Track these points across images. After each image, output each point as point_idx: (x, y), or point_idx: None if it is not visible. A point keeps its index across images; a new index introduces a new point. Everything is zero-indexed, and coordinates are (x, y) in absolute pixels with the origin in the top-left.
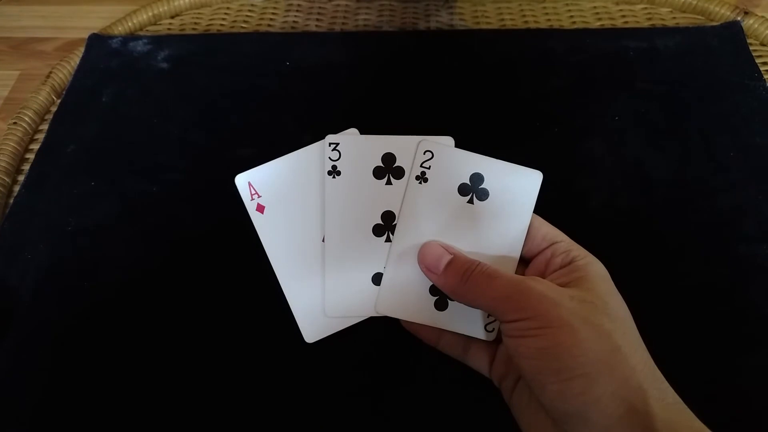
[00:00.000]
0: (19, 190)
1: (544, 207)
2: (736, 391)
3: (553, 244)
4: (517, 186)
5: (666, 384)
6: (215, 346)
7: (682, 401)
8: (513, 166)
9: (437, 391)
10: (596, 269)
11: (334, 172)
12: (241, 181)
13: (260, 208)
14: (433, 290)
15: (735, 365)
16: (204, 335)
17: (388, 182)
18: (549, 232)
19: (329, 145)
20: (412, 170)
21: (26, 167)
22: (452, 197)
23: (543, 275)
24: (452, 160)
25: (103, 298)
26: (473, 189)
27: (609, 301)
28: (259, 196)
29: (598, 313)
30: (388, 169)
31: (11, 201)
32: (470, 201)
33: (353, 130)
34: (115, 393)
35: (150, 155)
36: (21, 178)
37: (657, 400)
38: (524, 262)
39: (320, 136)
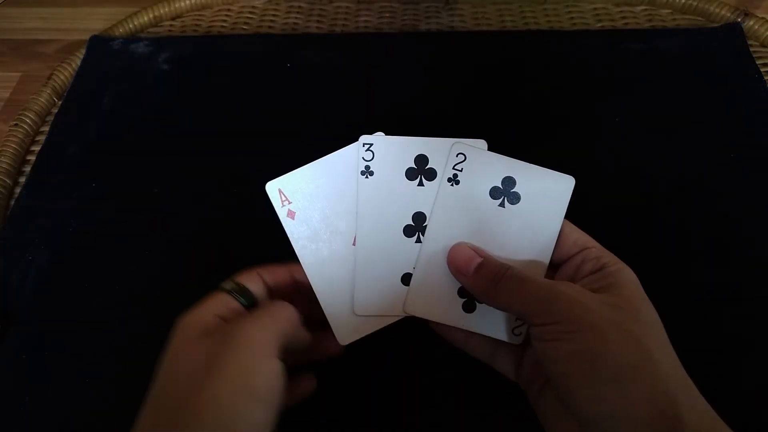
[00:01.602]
0: (21, 192)
1: None
2: (738, 391)
3: (583, 249)
4: (548, 191)
5: (697, 392)
6: None
7: (713, 410)
8: (545, 170)
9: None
10: (627, 276)
11: (367, 172)
12: (272, 188)
13: (291, 214)
14: (462, 292)
15: (738, 366)
16: None
17: (420, 183)
18: (580, 237)
19: (363, 146)
20: (444, 172)
21: (27, 169)
22: (484, 200)
23: (573, 281)
24: (485, 163)
25: (103, 298)
26: (505, 193)
27: (640, 307)
28: (289, 203)
29: (628, 319)
30: (420, 170)
31: (12, 202)
32: (501, 204)
33: (380, 134)
34: (116, 394)
35: (151, 156)
36: (22, 179)
37: (688, 407)
38: (553, 267)
39: (321, 137)
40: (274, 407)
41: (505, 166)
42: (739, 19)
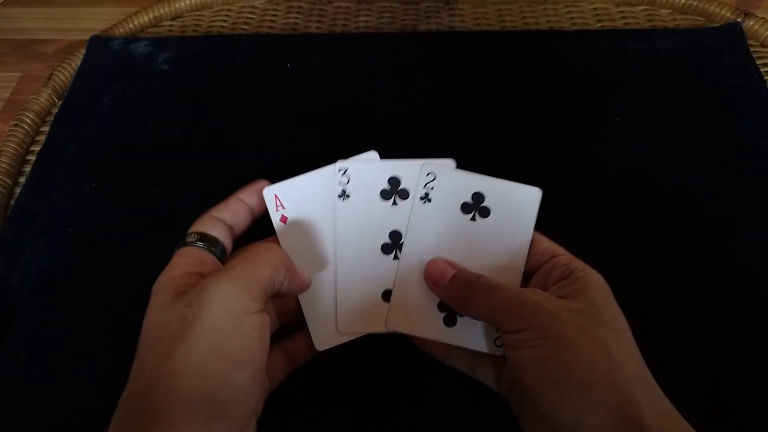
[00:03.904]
0: (21, 192)
1: (544, 207)
2: (738, 392)
3: (553, 257)
4: (517, 203)
5: (660, 393)
6: None
7: (676, 411)
8: (513, 184)
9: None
10: (594, 281)
11: (343, 195)
12: (269, 193)
13: (283, 219)
14: (442, 306)
15: (738, 366)
16: None
17: (395, 203)
18: (549, 246)
19: (339, 171)
20: (416, 191)
21: (27, 169)
22: (455, 216)
23: (544, 288)
24: (454, 180)
25: (104, 299)
26: (475, 207)
27: (606, 311)
28: (283, 208)
29: (593, 324)
30: (394, 190)
31: (12, 202)
32: (473, 218)
33: (373, 153)
34: (116, 394)
35: (151, 156)
36: (22, 179)
37: (650, 409)
38: (526, 276)
39: (321, 137)
40: (256, 367)
41: (473, 182)
42: (739, 19)
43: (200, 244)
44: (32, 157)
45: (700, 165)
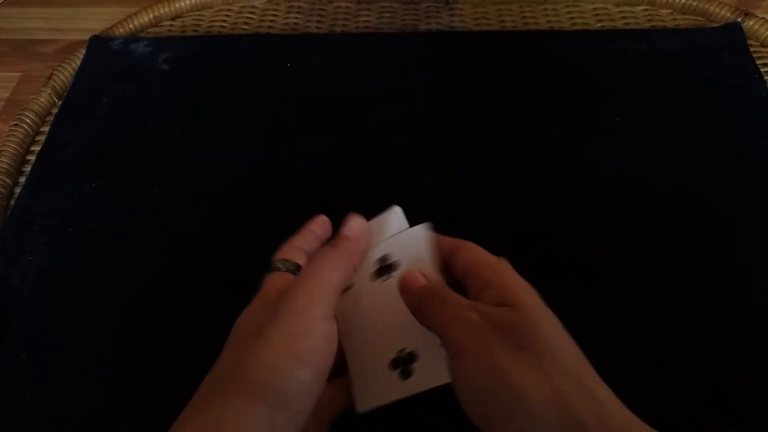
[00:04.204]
0: (21, 192)
1: (544, 207)
2: (738, 392)
3: (471, 269)
4: (414, 247)
5: (611, 404)
6: (218, 346)
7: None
8: (402, 233)
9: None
10: (509, 282)
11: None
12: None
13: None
14: (393, 364)
15: (739, 366)
16: (206, 335)
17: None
18: (464, 257)
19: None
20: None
21: (27, 169)
22: (376, 285)
23: (478, 298)
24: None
25: (104, 299)
26: (386, 269)
27: (538, 321)
28: None
29: (525, 344)
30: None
31: (12, 202)
32: (388, 278)
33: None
34: (117, 395)
35: (151, 156)
36: (22, 179)
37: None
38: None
39: (321, 137)
40: (321, 368)
41: (374, 250)
42: (739, 19)
43: (286, 267)
44: (32, 157)
45: (700, 165)
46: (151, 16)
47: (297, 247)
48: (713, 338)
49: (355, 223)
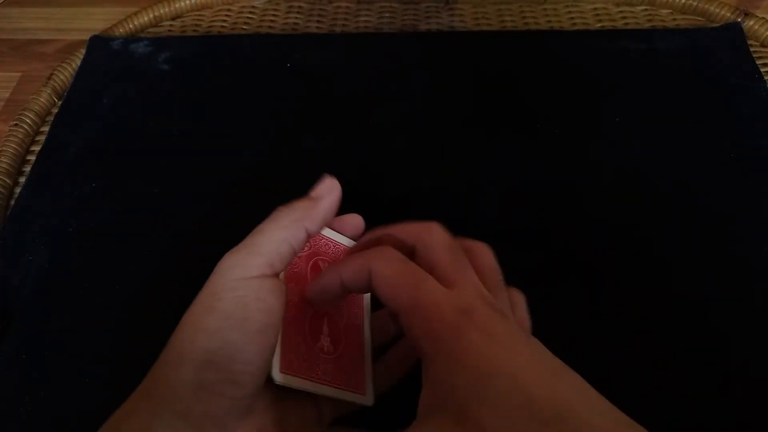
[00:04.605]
0: (21, 192)
1: (544, 207)
2: (737, 392)
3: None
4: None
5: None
6: None
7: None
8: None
9: None
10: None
11: None
12: None
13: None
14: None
15: (734, 369)
16: None
17: None
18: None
19: None
20: None
21: (27, 169)
22: None
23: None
24: None
25: (104, 299)
26: None
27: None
28: None
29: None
30: None
31: (12, 202)
32: None
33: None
34: (116, 394)
35: (151, 156)
36: (22, 179)
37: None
38: None
39: (321, 137)
40: (252, 326)
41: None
42: (739, 19)
43: None
44: (32, 157)
45: (700, 165)
46: (151, 16)
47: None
48: (713, 338)
49: (322, 184)
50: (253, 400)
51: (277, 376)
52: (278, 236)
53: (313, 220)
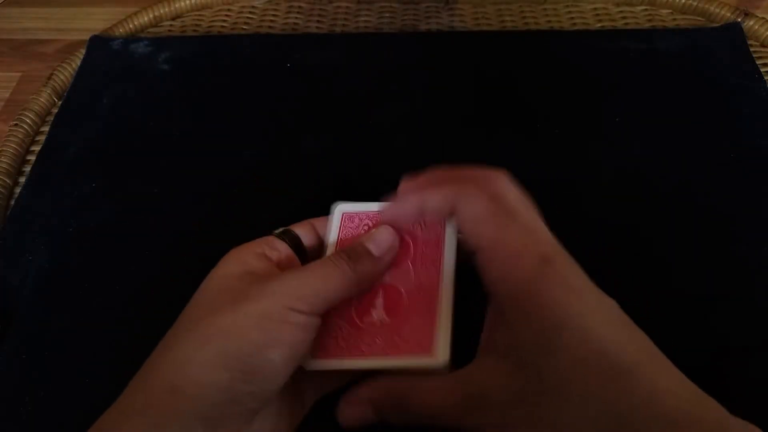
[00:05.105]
0: (20, 192)
1: (544, 207)
2: (737, 393)
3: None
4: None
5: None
6: None
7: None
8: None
9: None
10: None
11: None
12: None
13: None
14: None
15: (734, 369)
16: None
17: None
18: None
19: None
20: None
21: (27, 169)
22: None
23: None
24: None
25: (104, 299)
26: None
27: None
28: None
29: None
30: None
31: (12, 202)
32: None
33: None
34: (116, 394)
35: (151, 156)
36: (22, 179)
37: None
38: None
39: (321, 137)
40: (288, 355)
41: None
42: (739, 19)
43: (281, 236)
44: (32, 157)
45: (700, 165)
46: (151, 16)
47: (309, 225)
48: (714, 338)
49: (384, 238)
50: (264, 405)
51: (308, 364)
52: (340, 296)
53: (372, 284)
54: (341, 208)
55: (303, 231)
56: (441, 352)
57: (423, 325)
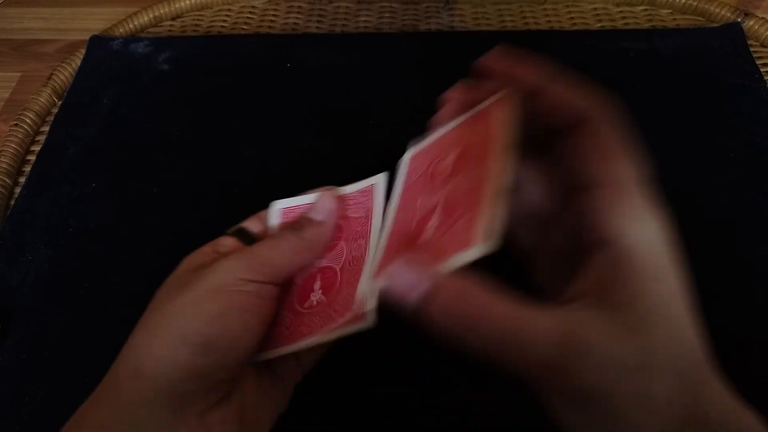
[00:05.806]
0: (21, 192)
1: None
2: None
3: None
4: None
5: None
6: None
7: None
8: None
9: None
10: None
11: None
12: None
13: None
14: None
15: (735, 369)
16: None
17: None
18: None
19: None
20: None
21: (27, 169)
22: None
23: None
24: None
25: (103, 299)
26: None
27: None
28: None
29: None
30: None
31: (12, 202)
32: None
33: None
34: None
35: (151, 156)
36: (22, 179)
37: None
38: None
39: (321, 137)
40: (245, 320)
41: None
42: (739, 19)
43: (235, 234)
44: (32, 157)
45: (700, 165)
46: (151, 16)
47: (257, 218)
48: (713, 338)
49: (323, 203)
50: (234, 385)
51: (257, 356)
52: (292, 269)
53: (321, 250)
54: (281, 204)
55: (252, 223)
56: (369, 313)
57: (351, 292)
